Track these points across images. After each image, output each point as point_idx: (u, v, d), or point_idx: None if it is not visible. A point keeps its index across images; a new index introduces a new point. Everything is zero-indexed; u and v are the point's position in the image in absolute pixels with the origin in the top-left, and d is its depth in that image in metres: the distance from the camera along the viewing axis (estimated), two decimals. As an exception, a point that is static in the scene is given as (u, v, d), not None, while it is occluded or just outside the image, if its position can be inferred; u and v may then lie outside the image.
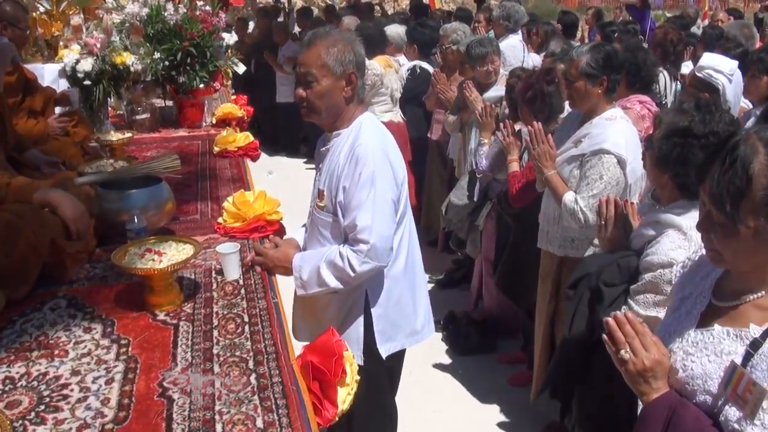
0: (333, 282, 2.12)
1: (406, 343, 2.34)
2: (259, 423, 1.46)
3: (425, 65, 5.30)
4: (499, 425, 3.44)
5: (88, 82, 3.92)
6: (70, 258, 2.14)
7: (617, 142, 2.67)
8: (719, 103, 3.10)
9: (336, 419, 1.62)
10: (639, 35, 6.04)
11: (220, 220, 2.57)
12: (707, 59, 3.47)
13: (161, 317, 1.91)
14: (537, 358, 3.21)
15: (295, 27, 9.99)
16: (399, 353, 2.36)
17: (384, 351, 2.25)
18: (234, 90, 6.15)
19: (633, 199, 2.61)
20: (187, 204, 2.84)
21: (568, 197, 2.74)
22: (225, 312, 1.94)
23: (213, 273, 2.19)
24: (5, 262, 1.90)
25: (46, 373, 1.64)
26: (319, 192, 2.23)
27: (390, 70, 5.16)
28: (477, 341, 4.04)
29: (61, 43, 4.51)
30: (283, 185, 5.98)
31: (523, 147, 3.33)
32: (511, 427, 3.43)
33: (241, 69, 4.73)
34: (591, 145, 2.72)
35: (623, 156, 2.66)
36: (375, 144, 2.12)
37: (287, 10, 12.09)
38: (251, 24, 10.62)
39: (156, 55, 4.00)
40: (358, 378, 1.70)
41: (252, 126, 4.68)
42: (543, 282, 3.11)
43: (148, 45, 4.02)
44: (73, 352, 1.74)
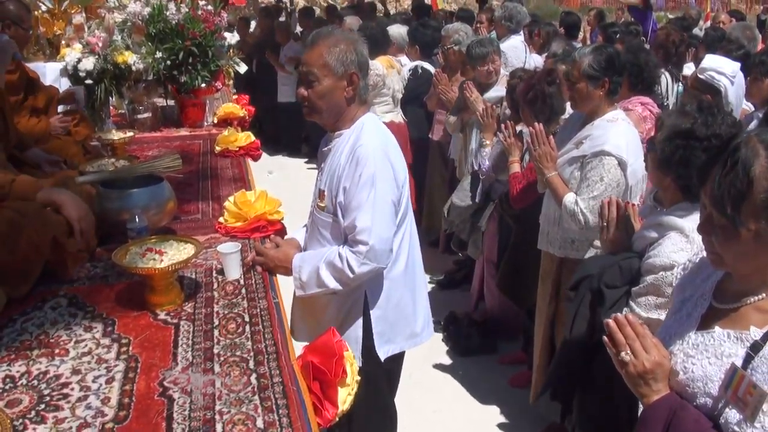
0: (332, 283, 2.11)
1: (404, 346, 2.34)
2: (260, 423, 1.46)
3: (427, 66, 5.30)
4: (499, 426, 3.44)
5: (89, 81, 3.93)
6: (71, 257, 2.14)
7: (618, 144, 2.67)
8: (721, 105, 3.08)
9: (336, 419, 1.62)
10: (641, 36, 6.04)
11: (221, 219, 2.57)
12: (709, 61, 3.47)
13: (162, 317, 1.91)
14: (537, 359, 3.21)
15: (297, 27, 10.01)
16: (398, 355, 2.35)
17: (382, 353, 2.25)
18: (235, 90, 6.13)
19: (634, 201, 2.61)
20: (189, 203, 2.84)
21: (568, 198, 2.74)
22: (226, 312, 1.94)
23: (214, 273, 2.19)
24: (7, 259, 1.89)
25: (46, 372, 1.64)
26: (320, 192, 2.23)
27: (392, 70, 5.14)
28: (478, 342, 4.05)
29: (63, 42, 4.52)
30: (285, 185, 5.98)
31: (525, 148, 3.33)
32: (511, 428, 3.43)
33: (243, 69, 4.72)
34: (592, 147, 2.72)
35: (624, 158, 2.66)
36: (376, 145, 2.12)
37: (289, 9, 12.11)
38: (253, 23, 10.61)
39: (158, 55, 4.00)
40: (358, 378, 1.71)
41: (253, 126, 4.67)
42: (543, 283, 3.11)
43: (149, 44, 4.02)
44: (74, 351, 1.74)
